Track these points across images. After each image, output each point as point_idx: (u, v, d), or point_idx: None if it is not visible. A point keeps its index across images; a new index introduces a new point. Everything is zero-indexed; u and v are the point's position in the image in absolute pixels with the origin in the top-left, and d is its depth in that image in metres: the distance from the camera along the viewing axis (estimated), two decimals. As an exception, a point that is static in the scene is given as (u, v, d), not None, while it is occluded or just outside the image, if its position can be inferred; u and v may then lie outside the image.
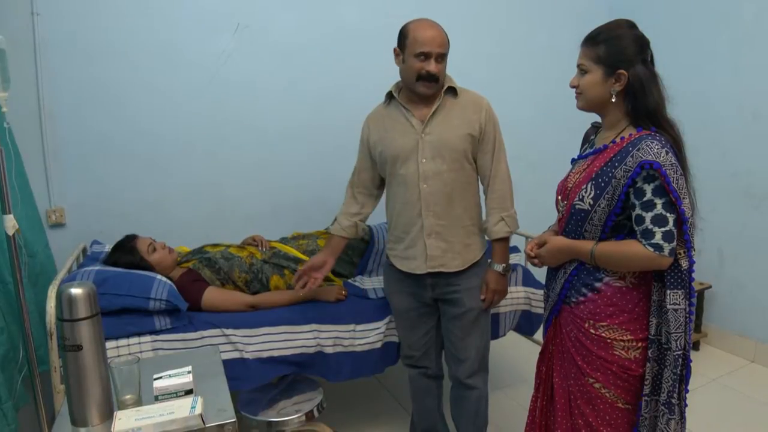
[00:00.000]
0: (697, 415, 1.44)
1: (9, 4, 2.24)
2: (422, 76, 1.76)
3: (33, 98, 2.32)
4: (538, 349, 2.48)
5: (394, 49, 1.84)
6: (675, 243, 1.27)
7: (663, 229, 1.26)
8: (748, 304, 2.97)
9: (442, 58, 1.78)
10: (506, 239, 1.89)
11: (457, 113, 1.83)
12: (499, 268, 1.88)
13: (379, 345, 2.09)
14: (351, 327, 2.06)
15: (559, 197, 1.49)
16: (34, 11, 2.27)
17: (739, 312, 3.02)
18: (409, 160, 1.83)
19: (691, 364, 1.36)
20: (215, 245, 2.37)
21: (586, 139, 1.56)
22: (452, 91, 1.84)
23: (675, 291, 1.30)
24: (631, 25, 1.37)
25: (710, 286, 3.08)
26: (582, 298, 1.42)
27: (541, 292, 2.32)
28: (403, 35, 1.81)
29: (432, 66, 1.75)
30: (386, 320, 2.10)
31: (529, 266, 2.41)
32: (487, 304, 1.91)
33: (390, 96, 1.92)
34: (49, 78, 2.33)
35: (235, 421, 1.27)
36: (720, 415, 2.45)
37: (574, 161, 1.51)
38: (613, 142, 1.37)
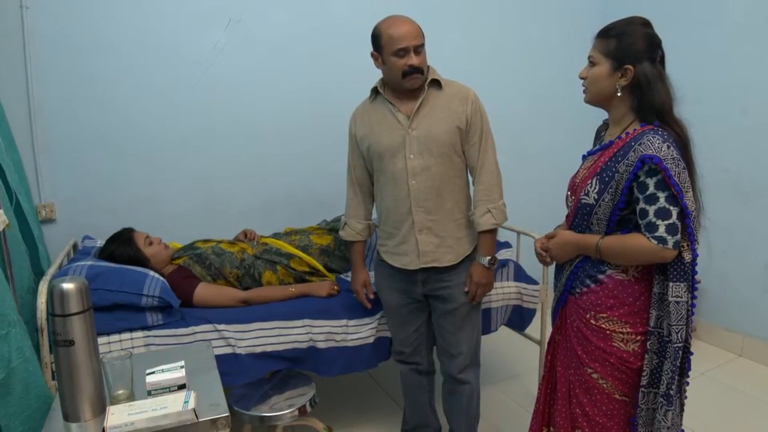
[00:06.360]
0: (687, 408, 1.46)
1: (-3, -2, 2.22)
2: (407, 71, 1.76)
3: (22, 93, 2.30)
4: (530, 344, 2.52)
5: (372, 54, 1.83)
6: (679, 236, 1.29)
7: (666, 222, 1.28)
8: (736, 298, 3.00)
9: (420, 49, 1.77)
10: (493, 231, 1.87)
11: (442, 106, 1.82)
12: (484, 261, 1.86)
13: (371, 340, 2.10)
14: (343, 322, 2.07)
15: (569, 193, 1.50)
16: (23, 4, 2.24)
17: (727, 307, 3.05)
18: (397, 156, 1.83)
19: (691, 357, 1.37)
20: (206, 241, 2.35)
21: (598, 136, 1.57)
22: (437, 84, 1.83)
23: (677, 284, 1.32)
24: (645, 23, 1.38)
25: (699, 281, 3.11)
26: (585, 289, 1.43)
27: (533, 287, 2.35)
28: (376, 37, 1.79)
29: (413, 59, 1.75)
30: (378, 315, 2.11)
31: (523, 263, 2.43)
32: (471, 297, 1.88)
33: (375, 92, 1.91)
34: (39, 72, 2.31)
35: (228, 416, 1.27)
36: (708, 408, 2.48)
37: (584, 157, 1.52)
38: (619, 137, 1.39)
